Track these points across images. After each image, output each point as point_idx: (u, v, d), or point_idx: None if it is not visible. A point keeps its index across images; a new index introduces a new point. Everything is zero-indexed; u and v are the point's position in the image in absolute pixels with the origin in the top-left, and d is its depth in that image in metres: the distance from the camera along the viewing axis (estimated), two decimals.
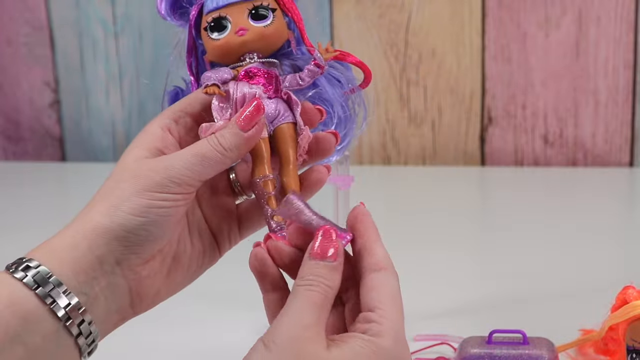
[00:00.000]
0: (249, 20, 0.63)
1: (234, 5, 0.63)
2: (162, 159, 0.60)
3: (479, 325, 0.88)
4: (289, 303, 0.54)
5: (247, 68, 0.63)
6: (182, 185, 0.59)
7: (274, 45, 0.64)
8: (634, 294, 0.76)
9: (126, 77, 1.56)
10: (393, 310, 0.55)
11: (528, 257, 1.12)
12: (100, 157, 1.60)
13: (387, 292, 0.55)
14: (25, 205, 1.39)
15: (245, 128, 0.60)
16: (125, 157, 0.62)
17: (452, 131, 1.51)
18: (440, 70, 1.49)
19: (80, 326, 0.57)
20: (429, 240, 1.19)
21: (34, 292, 0.56)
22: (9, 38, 1.58)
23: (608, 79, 1.46)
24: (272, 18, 0.63)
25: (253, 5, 0.63)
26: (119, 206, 0.58)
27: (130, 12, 1.53)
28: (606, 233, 1.20)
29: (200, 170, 0.59)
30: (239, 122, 0.60)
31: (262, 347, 0.52)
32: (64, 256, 0.57)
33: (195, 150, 0.59)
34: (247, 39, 0.63)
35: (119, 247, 0.58)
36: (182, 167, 0.59)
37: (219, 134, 0.60)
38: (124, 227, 0.58)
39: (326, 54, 0.63)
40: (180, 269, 0.63)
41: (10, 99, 1.60)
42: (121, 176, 0.60)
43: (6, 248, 1.21)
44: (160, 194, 0.58)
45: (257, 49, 0.63)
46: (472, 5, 1.46)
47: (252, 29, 0.63)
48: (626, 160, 1.49)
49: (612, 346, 0.81)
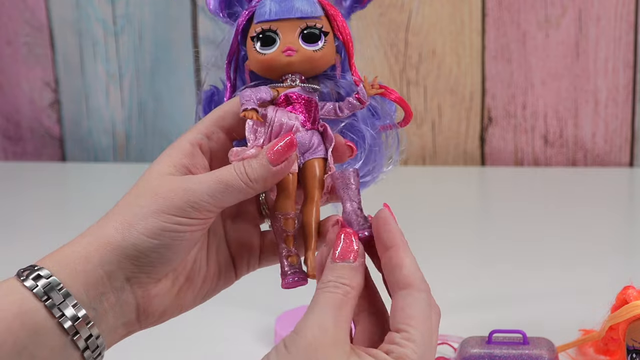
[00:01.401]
0: (299, 40, 0.60)
1: (287, 20, 0.60)
2: (184, 180, 0.58)
3: (479, 325, 0.88)
4: (310, 305, 0.53)
5: (287, 92, 0.60)
6: (201, 210, 0.57)
7: (319, 69, 0.61)
8: (634, 294, 0.76)
9: (126, 77, 1.56)
10: (418, 333, 0.53)
11: (528, 257, 1.12)
12: (100, 157, 1.60)
13: (414, 312, 0.53)
14: (25, 205, 1.39)
15: (275, 162, 0.58)
16: (150, 170, 0.60)
17: (452, 131, 1.51)
18: (440, 70, 1.49)
19: (88, 341, 0.56)
20: (428, 240, 1.19)
21: (43, 303, 0.55)
22: (9, 38, 1.58)
23: (608, 79, 1.46)
24: (324, 42, 0.60)
25: (307, 24, 0.60)
26: (133, 224, 0.57)
27: (130, 12, 1.53)
28: (606, 233, 1.20)
29: (222, 198, 0.57)
30: (270, 154, 0.58)
31: (283, 348, 0.51)
32: (75, 268, 0.56)
33: (220, 176, 0.57)
34: (294, 61, 0.60)
35: (130, 266, 0.57)
36: (203, 192, 0.57)
37: (247, 163, 0.58)
38: (136, 247, 0.57)
39: (371, 90, 0.60)
40: (192, 289, 0.61)
41: (10, 99, 1.60)
42: (142, 191, 0.58)
43: (6, 248, 1.21)
44: (177, 217, 0.57)
45: (302, 71, 0.60)
46: (472, 5, 1.46)
47: (301, 51, 0.60)
48: (626, 160, 1.49)
49: (612, 346, 0.81)
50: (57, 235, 0.67)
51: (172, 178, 0.58)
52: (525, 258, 1.12)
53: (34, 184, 1.50)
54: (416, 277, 0.55)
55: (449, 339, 0.88)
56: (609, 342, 0.81)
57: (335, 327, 0.52)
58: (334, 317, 0.52)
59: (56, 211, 1.39)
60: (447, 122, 1.51)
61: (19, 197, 1.43)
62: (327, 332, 0.51)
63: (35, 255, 0.60)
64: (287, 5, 0.61)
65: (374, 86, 0.60)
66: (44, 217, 1.33)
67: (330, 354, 0.51)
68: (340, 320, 0.52)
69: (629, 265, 1.09)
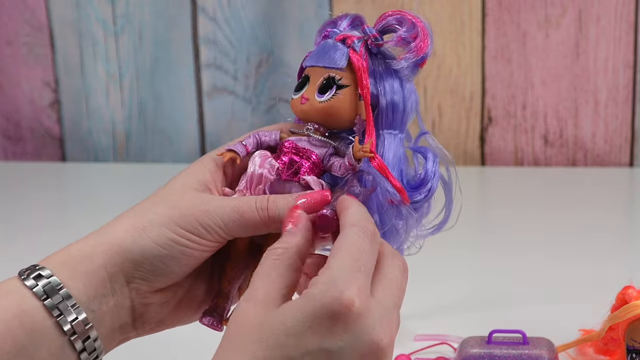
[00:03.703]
0: (315, 90, 0.59)
1: (317, 68, 0.60)
2: (203, 200, 0.58)
3: (479, 325, 0.88)
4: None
5: (287, 139, 0.60)
6: (212, 233, 0.57)
7: (335, 122, 0.60)
8: (634, 294, 0.76)
9: (126, 77, 1.56)
10: (336, 262, 0.51)
11: (528, 257, 1.12)
12: (100, 157, 1.60)
13: (338, 244, 0.52)
14: (25, 205, 1.39)
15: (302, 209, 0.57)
16: (175, 179, 0.60)
17: (452, 131, 1.51)
18: (440, 70, 1.49)
19: (85, 342, 0.56)
20: (428, 240, 1.19)
21: (42, 302, 0.55)
22: (9, 38, 1.58)
23: (608, 79, 1.46)
24: (333, 94, 0.59)
25: (329, 75, 0.59)
26: (145, 230, 0.57)
27: (130, 12, 1.53)
28: (606, 233, 1.20)
29: (234, 227, 0.57)
30: (301, 201, 0.57)
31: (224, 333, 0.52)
32: (78, 268, 0.56)
33: (238, 206, 0.57)
34: (306, 110, 0.59)
35: (132, 270, 0.57)
36: (217, 217, 0.57)
37: (272, 200, 0.57)
38: (143, 252, 0.57)
39: (358, 152, 0.58)
40: (191, 306, 0.62)
41: (10, 99, 1.60)
42: (161, 199, 0.59)
43: (6, 248, 1.21)
44: (189, 233, 0.57)
45: (319, 122, 0.59)
46: (472, 5, 1.46)
47: (311, 101, 0.59)
48: (626, 160, 1.49)
49: (612, 346, 0.81)
50: (57, 235, 0.67)
51: (193, 194, 0.58)
52: (525, 258, 1.12)
53: (34, 184, 1.50)
54: (355, 218, 0.54)
55: (449, 339, 0.88)
56: (609, 342, 0.81)
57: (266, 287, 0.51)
58: (262, 280, 0.52)
59: (56, 211, 1.39)
60: (447, 122, 1.51)
61: (19, 197, 1.43)
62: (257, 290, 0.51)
63: (36, 255, 0.60)
64: (322, 53, 0.60)
65: (364, 149, 0.57)
66: (44, 217, 1.33)
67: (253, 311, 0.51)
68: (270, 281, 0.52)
69: (629, 265, 1.09)
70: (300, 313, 0.49)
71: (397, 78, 0.60)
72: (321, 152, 0.60)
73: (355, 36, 0.61)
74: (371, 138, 0.58)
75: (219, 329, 0.60)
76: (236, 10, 1.50)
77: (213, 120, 1.55)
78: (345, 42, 0.60)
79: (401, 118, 0.61)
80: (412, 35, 0.60)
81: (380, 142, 0.60)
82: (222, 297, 0.61)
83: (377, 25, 0.61)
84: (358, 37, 0.60)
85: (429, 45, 0.61)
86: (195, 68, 1.53)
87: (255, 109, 1.54)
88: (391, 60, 0.60)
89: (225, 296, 0.61)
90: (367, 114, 0.59)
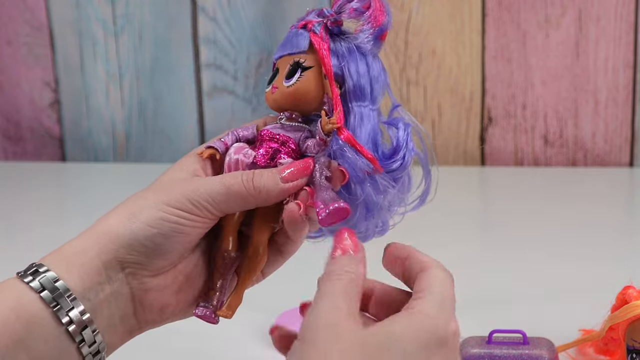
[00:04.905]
0: (283, 77, 0.61)
1: (284, 57, 0.61)
2: (192, 180, 0.59)
3: (479, 325, 0.88)
4: (317, 295, 0.52)
5: (263, 129, 0.61)
6: (200, 209, 0.58)
7: (305, 106, 0.61)
8: (634, 294, 0.76)
9: (126, 77, 1.56)
10: (436, 290, 0.53)
11: (528, 257, 1.12)
12: (100, 157, 1.60)
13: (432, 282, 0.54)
14: (25, 205, 1.39)
15: (285, 179, 0.58)
16: (164, 174, 0.61)
17: (452, 131, 1.51)
18: (440, 70, 1.49)
19: (83, 332, 0.56)
20: (428, 240, 1.18)
21: (38, 295, 0.56)
22: (9, 38, 1.58)
23: (608, 79, 1.46)
24: (298, 77, 0.60)
25: (293, 60, 0.61)
26: (135, 214, 0.58)
27: (130, 12, 1.53)
28: (606, 233, 1.20)
29: (222, 201, 0.58)
30: (283, 171, 0.59)
31: (297, 344, 0.50)
32: (72, 260, 0.57)
33: (224, 180, 0.59)
34: (276, 98, 0.61)
35: (126, 255, 0.58)
36: (205, 191, 0.58)
37: (258, 172, 0.59)
38: (134, 234, 0.58)
39: (326, 125, 0.59)
40: (192, 290, 0.62)
41: (10, 99, 1.60)
42: (150, 188, 0.60)
43: (6, 248, 1.21)
44: (178, 210, 0.58)
45: (290, 108, 0.61)
46: (472, 5, 1.46)
47: (280, 88, 0.61)
48: (626, 160, 1.49)
49: (612, 346, 0.81)
50: (57, 235, 0.67)
51: (183, 179, 0.60)
52: (525, 258, 1.12)
53: (34, 184, 1.50)
54: (435, 262, 0.57)
55: None
56: (609, 342, 0.81)
57: (348, 305, 0.51)
58: (343, 298, 0.51)
59: (56, 211, 1.39)
60: (447, 122, 1.51)
61: (19, 197, 1.43)
62: (342, 310, 0.50)
63: (36, 255, 0.60)
64: (285, 42, 0.62)
65: (331, 121, 0.59)
66: (44, 217, 1.33)
67: (349, 326, 0.50)
68: (350, 300, 0.51)
69: (629, 265, 1.09)
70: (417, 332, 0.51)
71: (361, 54, 0.61)
72: (296, 137, 0.61)
73: (315, 20, 0.62)
74: (337, 110, 0.59)
75: (214, 320, 0.61)
76: (236, 10, 1.50)
77: (213, 120, 1.55)
78: (307, 28, 0.62)
79: (370, 91, 0.61)
80: (364, 5, 0.61)
81: (351, 115, 0.60)
82: (213, 289, 0.61)
83: (334, 6, 0.62)
84: (317, 21, 0.62)
85: (385, 16, 0.61)
86: (195, 68, 1.53)
87: (255, 109, 1.54)
88: (351, 35, 0.61)
89: (217, 288, 0.61)
90: (332, 90, 0.60)
